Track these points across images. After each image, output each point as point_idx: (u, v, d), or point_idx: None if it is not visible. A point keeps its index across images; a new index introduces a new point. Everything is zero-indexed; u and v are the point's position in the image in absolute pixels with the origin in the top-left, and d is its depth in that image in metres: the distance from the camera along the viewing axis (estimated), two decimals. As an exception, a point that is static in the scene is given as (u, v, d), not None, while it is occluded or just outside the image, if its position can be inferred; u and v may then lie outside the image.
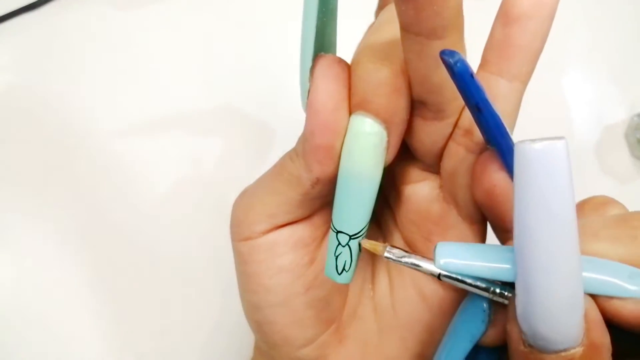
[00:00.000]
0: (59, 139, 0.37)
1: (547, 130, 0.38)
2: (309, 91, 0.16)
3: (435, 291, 0.20)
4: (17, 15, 0.40)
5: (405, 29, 0.14)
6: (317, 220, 0.19)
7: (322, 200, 0.19)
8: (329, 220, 0.20)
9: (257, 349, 0.23)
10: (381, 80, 0.15)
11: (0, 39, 0.39)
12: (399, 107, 0.16)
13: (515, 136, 0.42)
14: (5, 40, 0.39)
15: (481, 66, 0.16)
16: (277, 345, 0.20)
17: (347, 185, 0.17)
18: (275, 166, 0.19)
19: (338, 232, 0.18)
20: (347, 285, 0.21)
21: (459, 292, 0.19)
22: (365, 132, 0.16)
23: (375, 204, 0.17)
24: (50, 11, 0.40)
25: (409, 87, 0.16)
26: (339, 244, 0.18)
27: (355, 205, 0.17)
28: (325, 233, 0.20)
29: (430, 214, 0.19)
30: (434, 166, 0.18)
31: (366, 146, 0.16)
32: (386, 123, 0.16)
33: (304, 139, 0.16)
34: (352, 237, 0.17)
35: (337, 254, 0.18)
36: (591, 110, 0.39)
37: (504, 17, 0.14)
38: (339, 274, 0.18)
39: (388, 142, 0.16)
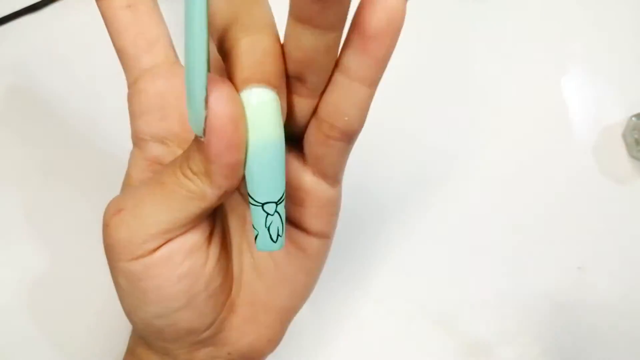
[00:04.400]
0: (61, 141, 0.37)
1: (546, 130, 0.38)
2: (206, 117, 0.16)
3: (307, 239, 0.21)
4: (20, 17, 0.40)
5: (302, 21, 0.15)
6: (205, 223, 0.20)
7: (219, 205, 0.19)
8: (214, 220, 0.21)
9: (144, 347, 0.23)
10: (265, 50, 0.16)
11: (3, 40, 0.40)
12: (282, 71, 0.17)
13: (517, 136, 0.42)
14: (8, 41, 0.40)
15: (342, 72, 0.17)
16: (179, 339, 0.21)
17: (262, 158, 0.17)
18: (161, 183, 0.18)
19: (263, 204, 0.18)
20: (232, 265, 0.22)
21: (330, 237, 0.22)
22: (265, 101, 0.16)
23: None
24: (53, 12, 0.40)
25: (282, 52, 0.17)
26: (268, 214, 0.18)
27: (273, 172, 0.18)
28: (213, 230, 0.20)
29: (301, 184, 0.20)
30: (297, 139, 0.20)
31: (270, 114, 0.17)
32: (277, 88, 0.17)
33: (207, 161, 0.17)
34: (278, 202, 0.18)
35: (268, 225, 0.19)
36: (589, 111, 0.39)
37: (360, 32, 0.16)
38: (275, 242, 0.19)
39: (281, 105, 0.17)
